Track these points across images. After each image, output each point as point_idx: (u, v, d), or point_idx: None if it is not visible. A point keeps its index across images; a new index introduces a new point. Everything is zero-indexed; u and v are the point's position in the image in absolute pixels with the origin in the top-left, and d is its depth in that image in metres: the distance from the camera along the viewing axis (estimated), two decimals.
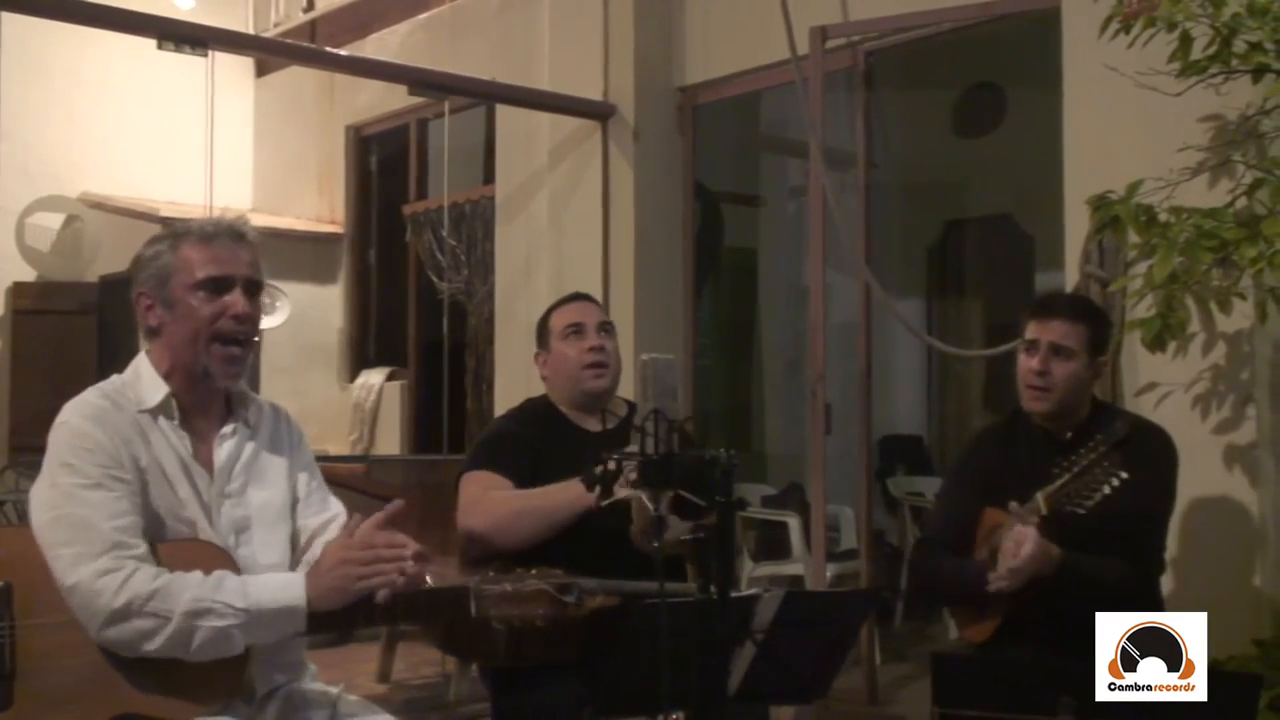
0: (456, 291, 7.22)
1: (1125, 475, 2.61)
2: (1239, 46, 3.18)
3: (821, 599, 2.88)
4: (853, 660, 4.63)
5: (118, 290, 7.29)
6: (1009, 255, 7.90)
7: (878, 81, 5.63)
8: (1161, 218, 3.26)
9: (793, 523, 5.87)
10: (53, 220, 8.49)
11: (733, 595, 1.91)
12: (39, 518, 2.05)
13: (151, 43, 5.12)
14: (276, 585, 2.05)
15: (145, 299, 2.19)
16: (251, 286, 2.20)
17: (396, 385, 7.81)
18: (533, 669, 2.67)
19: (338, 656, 5.28)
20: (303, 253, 8.14)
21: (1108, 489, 2.61)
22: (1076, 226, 3.93)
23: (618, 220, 6.05)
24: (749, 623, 2.06)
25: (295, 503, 2.29)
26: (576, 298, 3.10)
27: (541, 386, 3.07)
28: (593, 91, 6.11)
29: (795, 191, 7.78)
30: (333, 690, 2.26)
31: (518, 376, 5.90)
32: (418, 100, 6.88)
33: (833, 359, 4.98)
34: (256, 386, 6.76)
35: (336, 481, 2.71)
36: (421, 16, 7.67)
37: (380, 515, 2.11)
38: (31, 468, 2.20)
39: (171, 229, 2.25)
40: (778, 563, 5.94)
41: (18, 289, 8.48)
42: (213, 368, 2.17)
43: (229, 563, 2.09)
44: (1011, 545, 2.65)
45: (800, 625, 2.12)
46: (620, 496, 2.05)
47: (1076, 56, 4.09)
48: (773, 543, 6.02)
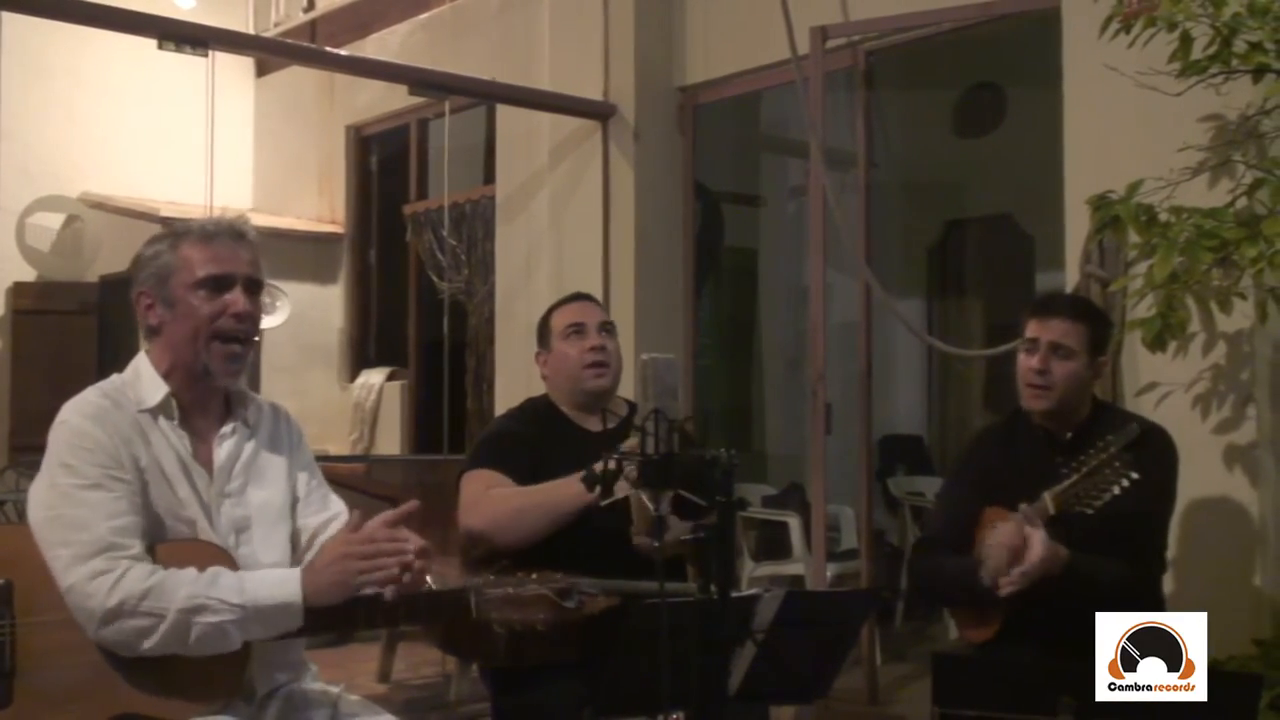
0: (457, 291, 7.22)
1: (1136, 476, 2.60)
2: (1239, 46, 3.18)
3: (822, 599, 2.88)
4: (853, 660, 4.63)
5: (118, 290, 7.29)
6: (1009, 255, 7.90)
7: (878, 81, 5.62)
8: (1162, 218, 3.26)
9: (793, 523, 5.87)
10: (53, 220, 8.50)
11: (733, 595, 1.91)
12: (37, 516, 2.05)
13: (152, 43, 5.11)
14: (272, 581, 2.05)
15: (145, 298, 2.19)
16: (252, 285, 2.20)
17: (397, 385, 7.82)
18: (533, 669, 2.67)
19: (338, 656, 5.28)
20: (303, 253, 8.14)
21: (1117, 489, 2.60)
22: (1077, 226, 3.93)
23: (618, 220, 6.05)
24: (749, 623, 2.06)
25: (295, 502, 2.29)
26: (577, 297, 3.10)
27: (542, 386, 3.07)
28: (593, 91, 6.11)
29: (795, 191, 7.78)
30: (333, 690, 2.26)
31: (518, 376, 5.90)
32: (418, 100, 6.87)
33: (833, 359, 4.98)
34: (256, 386, 6.77)
35: (337, 481, 2.71)
36: (422, 16, 7.67)
37: (391, 514, 2.09)
38: (32, 467, 2.20)
39: (172, 229, 2.25)
40: (778, 563, 5.94)
41: (18, 289, 8.48)
42: (213, 366, 2.16)
43: (229, 562, 2.08)
44: (1011, 543, 2.65)
45: (801, 625, 2.11)
46: (620, 496, 2.05)
47: (1077, 56, 4.08)
48: (773, 543, 6.02)
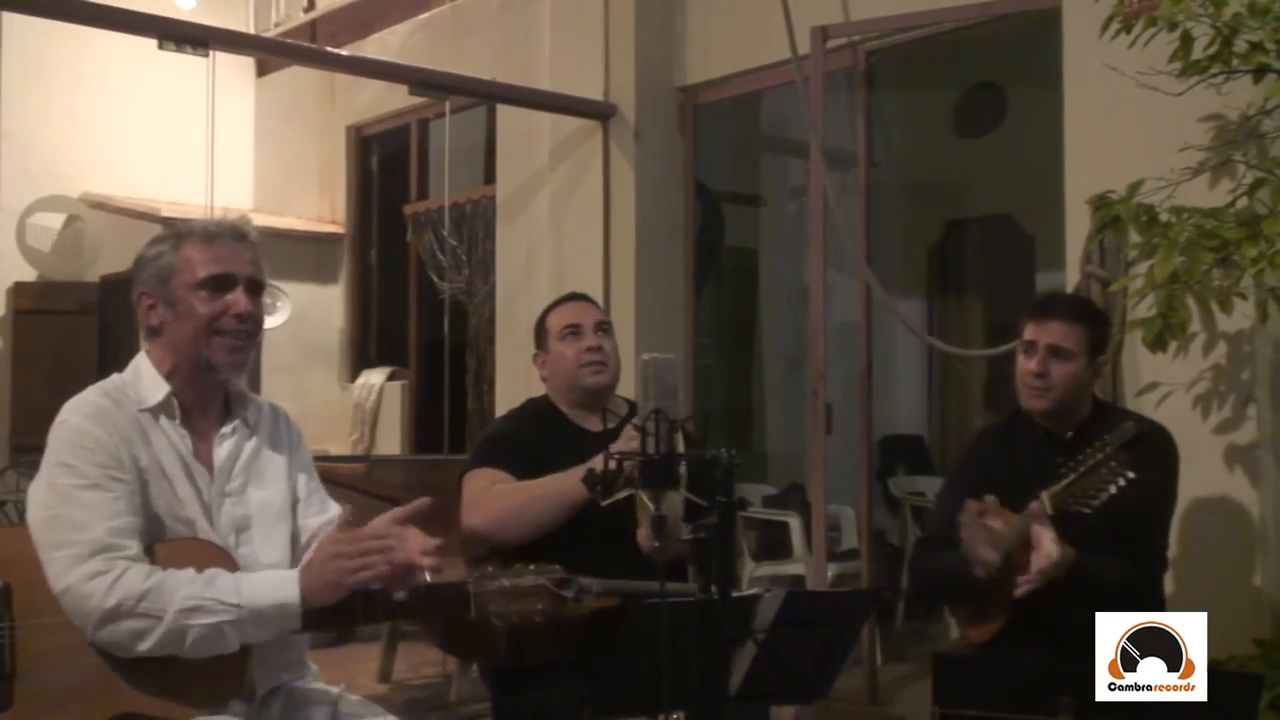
0: (457, 291, 7.22)
1: (1132, 475, 2.59)
2: (1240, 46, 3.18)
3: (822, 599, 2.88)
4: (853, 660, 4.62)
5: (118, 290, 7.31)
6: (1010, 255, 7.90)
7: (878, 81, 5.62)
8: (1162, 217, 3.26)
9: (794, 523, 5.88)
10: (53, 220, 8.50)
11: (733, 595, 1.91)
12: (35, 516, 2.05)
13: (152, 43, 5.12)
14: (270, 583, 2.04)
15: (147, 298, 2.19)
16: (253, 286, 2.20)
17: (397, 385, 7.82)
18: (533, 669, 2.67)
19: (339, 656, 5.29)
20: (303, 253, 8.14)
21: (1114, 489, 2.60)
22: (1077, 226, 3.92)
23: (618, 220, 6.05)
24: (750, 623, 2.06)
25: (295, 502, 2.29)
26: (573, 298, 3.10)
27: (543, 386, 3.07)
28: (593, 91, 6.11)
29: (796, 191, 7.78)
30: (333, 690, 2.26)
31: (518, 376, 5.90)
32: (418, 100, 6.87)
33: (833, 359, 4.98)
34: (257, 386, 6.76)
35: (337, 481, 2.71)
36: (422, 16, 7.67)
37: (401, 511, 2.08)
38: (32, 468, 2.20)
39: (174, 229, 2.24)
40: (779, 563, 5.95)
41: (19, 289, 8.48)
42: (215, 359, 2.16)
43: (229, 562, 2.08)
44: (990, 537, 2.66)
45: (801, 625, 2.11)
46: (621, 496, 2.05)
47: (1077, 56, 4.08)
48: (774, 543, 6.02)
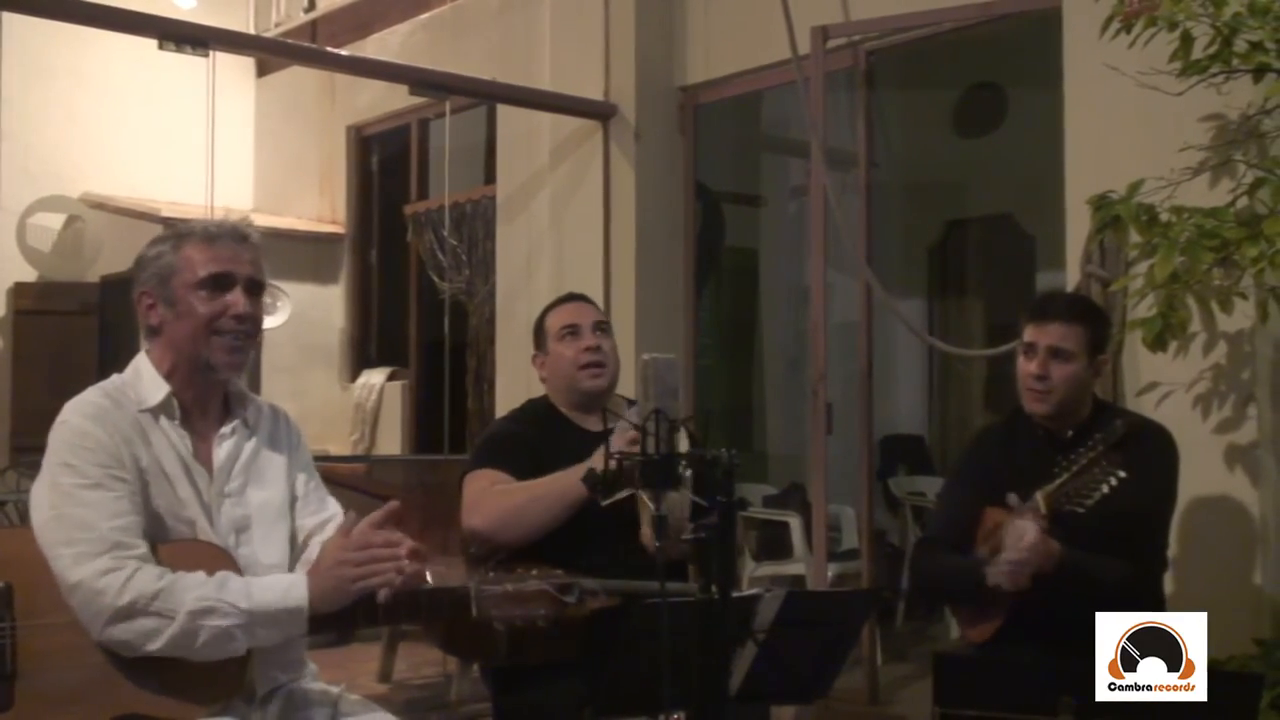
0: (458, 291, 7.22)
1: (1123, 474, 2.60)
2: (1240, 46, 3.18)
3: (823, 599, 2.88)
4: (854, 660, 4.63)
5: (119, 290, 7.31)
6: (1010, 255, 7.90)
7: (879, 81, 5.62)
8: (1162, 217, 3.26)
9: (794, 522, 5.88)
10: (54, 220, 8.50)
11: (734, 595, 1.91)
12: (39, 517, 2.05)
13: (152, 43, 5.12)
14: (280, 587, 2.05)
15: (147, 298, 2.19)
16: (253, 286, 2.20)
17: (397, 385, 7.82)
18: (534, 669, 2.66)
19: (339, 656, 5.29)
20: (304, 253, 8.14)
21: (1106, 488, 2.61)
22: (1077, 226, 3.92)
23: (619, 220, 6.05)
24: (750, 623, 2.06)
25: (294, 502, 2.29)
26: (571, 298, 3.10)
27: (543, 387, 3.07)
28: (594, 91, 6.11)
29: (796, 191, 7.78)
30: (334, 690, 2.26)
31: (519, 376, 5.90)
32: (419, 100, 6.87)
33: (834, 359, 4.98)
34: (257, 386, 6.76)
35: (337, 481, 2.71)
36: (422, 16, 7.67)
37: (377, 515, 2.10)
38: (33, 468, 2.20)
39: (175, 229, 2.25)
40: (779, 562, 5.95)
41: (19, 289, 8.48)
42: (214, 359, 2.16)
43: (229, 563, 2.08)
44: (1013, 539, 2.65)
45: (801, 625, 2.11)
46: (621, 495, 2.05)
47: (1077, 56, 4.08)
48: (774, 542, 6.02)
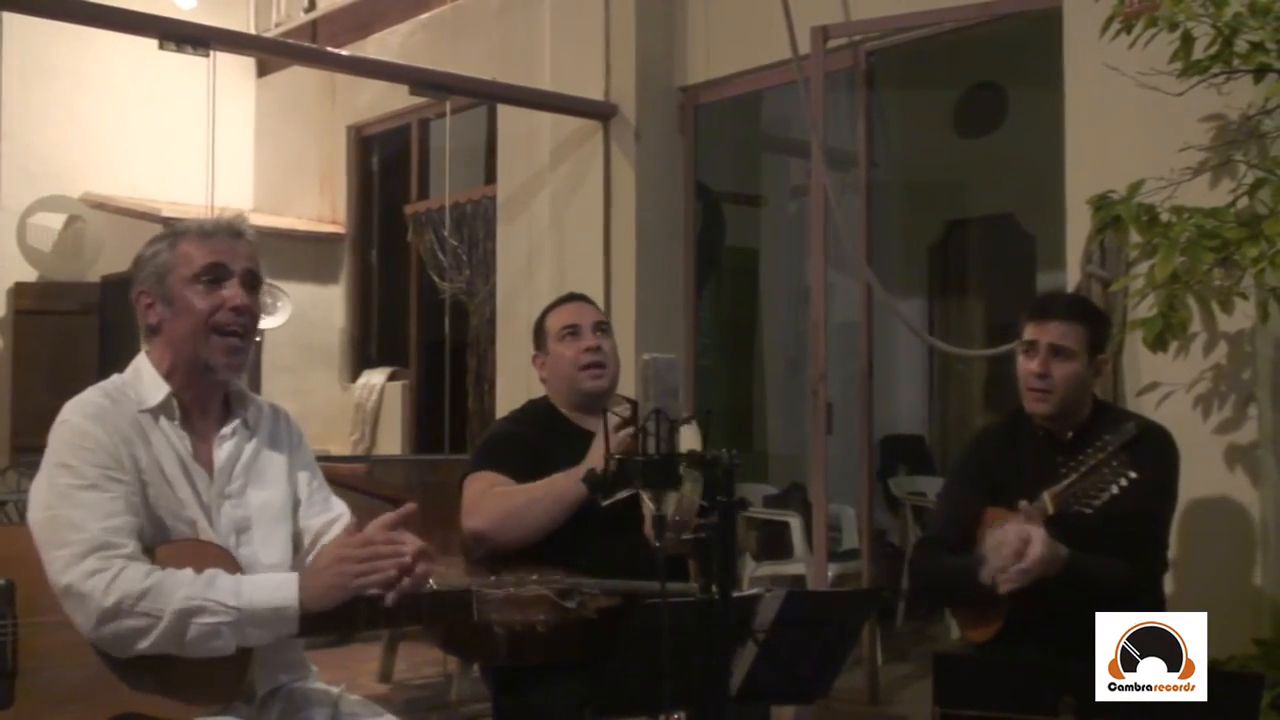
0: (458, 291, 7.22)
1: (1134, 475, 2.59)
2: (1240, 46, 3.18)
3: (823, 599, 2.87)
4: (854, 660, 4.63)
5: (119, 290, 7.30)
6: (1010, 255, 7.91)
7: (879, 81, 5.62)
8: (1163, 217, 3.26)
9: (794, 522, 5.88)
10: (54, 220, 8.50)
11: (734, 595, 1.90)
12: (35, 516, 2.05)
13: (153, 43, 5.12)
14: (269, 585, 2.04)
15: (145, 297, 2.19)
16: (250, 279, 2.20)
17: (398, 385, 7.82)
18: (534, 669, 2.67)
19: (339, 656, 5.29)
20: (304, 253, 8.14)
21: (1115, 489, 2.60)
22: (1078, 226, 3.92)
23: (619, 220, 6.05)
24: (750, 622, 2.06)
25: (297, 503, 2.29)
26: (571, 298, 3.09)
27: (543, 387, 3.07)
28: (594, 91, 6.11)
29: (796, 191, 7.78)
30: (334, 690, 2.26)
31: (519, 376, 5.90)
32: (419, 100, 6.87)
33: (834, 359, 4.98)
34: (257, 386, 6.75)
35: (338, 481, 2.70)
36: (423, 16, 7.68)
37: (390, 516, 2.08)
38: (33, 468, 2.20)
39: (171, 228, 2.25)
40: (779, 562, 5.95)
41: (19, 289, 8.49)
42: (213, 359, 2.16)
43: (230, 563, 2.08)
44: (1012, 542, 2.64)
45: (802, 625, 2.11)
46: (621, 495, 2.04)
47: (1078, 56, 4.08)
48: (774, 542, 6.02)
